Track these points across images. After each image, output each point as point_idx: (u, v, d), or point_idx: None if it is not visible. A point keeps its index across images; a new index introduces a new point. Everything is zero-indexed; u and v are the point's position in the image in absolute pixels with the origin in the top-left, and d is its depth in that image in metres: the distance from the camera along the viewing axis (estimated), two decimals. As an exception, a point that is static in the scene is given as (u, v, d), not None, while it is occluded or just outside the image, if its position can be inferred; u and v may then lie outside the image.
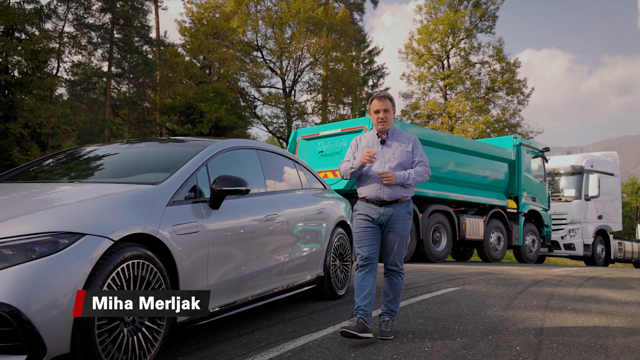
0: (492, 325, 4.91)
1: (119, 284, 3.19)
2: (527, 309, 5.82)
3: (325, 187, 6.67)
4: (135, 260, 3.31)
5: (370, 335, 4.13)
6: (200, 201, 4.10)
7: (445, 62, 35.76)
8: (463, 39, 34.82)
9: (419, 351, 3.99)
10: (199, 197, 4.12)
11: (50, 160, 5.11)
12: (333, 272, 6.11)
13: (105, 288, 3.08)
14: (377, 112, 4.45)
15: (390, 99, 4.50)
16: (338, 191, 9.15)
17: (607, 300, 6.79)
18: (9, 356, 2.79)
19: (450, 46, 34.83)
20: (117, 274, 3.18)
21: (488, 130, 32.98)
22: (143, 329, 3.36)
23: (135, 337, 3.30)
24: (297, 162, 6.25)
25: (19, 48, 28.70)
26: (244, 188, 4.17)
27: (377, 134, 4.53)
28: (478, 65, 35.20)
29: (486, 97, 34.85)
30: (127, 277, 3.25)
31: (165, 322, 3.52)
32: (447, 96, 35.49)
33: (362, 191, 4.49)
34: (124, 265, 3.22)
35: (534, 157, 16.56)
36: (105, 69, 34.67)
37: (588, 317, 5.52)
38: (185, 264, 3.73)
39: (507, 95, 34.80)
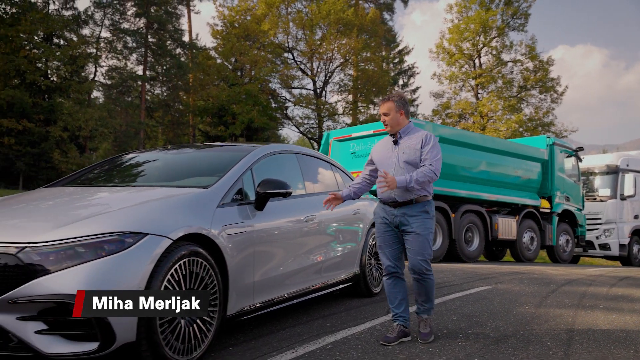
0: (523, 322, 5.11)
1: (177, 279, 3.49)
2: (559, 307, 5.99)
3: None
4: (191, 258, 3.60)
5: (409, 338, 4.33)
6: (246, 203, 4.39)
7: (476, 61, 35.70)
8: (495, 37, 34.72)
9: (453, 345, 4.22)
10: (244, 199, 4.41)
11: (105, 166, 5.45)
12: (368, 270, 6.35)
13: (165, 283, 3.38)
14: (380, 116, 4.47)
15: (394, 101, 4.41)
16: (371, 192, 9.38)
17: (638, 298, 6.90)
18: (84, 343, 3.11)
19: (481, 45, 34.76)
20: (175, 270, 3.48)
21: (521, 129, 32.83)
22: (198, 320, 3.66)
23: (190, 328, 3.60)
24: (333, 164, 6.51)
25: (58, 53, 29.52)
26: (286, 190, 4.45)
27: (390, 135, 4.50)
28: (510, 64, 35.08)
29: (519, 95, 34.68)
30: (184, 273, 3.55)
31: (217, 315, 3.82)
32: (479, 95, 35.42)
33: (378, 193, 4.46)
34: (181, 262, 3.52)
35: (567, 157, 16.51)
36: (140, 72, 35.42)
37: (620, 315, 5.66)
38: (234, 262, 4.02)
39: (540, 94, 34.59)
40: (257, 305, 4.38)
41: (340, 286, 5.90)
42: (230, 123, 32.05)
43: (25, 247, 3.16)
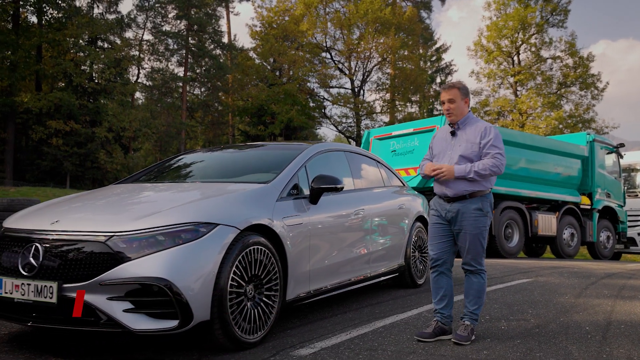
0: (563, 310, 5.35)
1: (244, 265, 3.86)
2: (598, 298, 6.20)
3: (403, 185, 7.22)
4: (255, 247, 3.97)
5: (449, 337, 4.16)
6: (301, 197, 4.75)
7: (515, 58, 35.56)
8: (534, 34, 34.54)
9: (496, 329, 4.50)
10: (300, 193, 4.76)
11: (168, 164, 5.88)
12: (413, 262, 6.65)
13: (234, 268, 3.76)
14: (443, 103, 4.27)
15: (459, 88, 4.23)
16: (413, 188, 9.66)
17: (678, 291, 7.06)
18: (165, 320, 3.50)
19: (520, 42, 34.60)
20: (242, 257, 3.85)
21: (561, 126, 32.61)
22: (261, 304, 4.03)
23: (255, 310, 3.96)
24: (378, 161, 6.83)
25: (102, 56, 30.45)
26: (338, 186, 4.79)
27: (450, 124, 4.34)
28: (549, 61, 34.85)
29: (558, 92, 34.42)
30: (249, 260, 3.91)
31: (278, 299, 4.18)
32: (518, 92, 35.26)
33: (434, 186, 4.37)
34: (247, 250, 3.89)
35: (608, 153, 16.48)
36: (180, 73, 36.21)
37: (657, 304, 5.86)
38: (292, 251, 4.38)
39: (581, 90, 34.30)
40: (312, 291, 4.74)
41: (387, 277, 6.21)
42: (269, 122, 32.62)
43: (113, 235, 3.56)
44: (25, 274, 3.62)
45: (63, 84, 32.65)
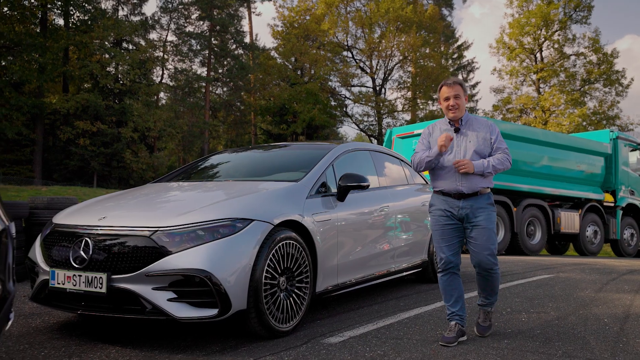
0: (583, 304, 5.53)
1: (277, 258, 4.11)
2: (618, 292, 6.36)
3: (426, 182, 7.42)
4: (287, 241, 4.22)
5: (465, 337, 4.09)
6: (329, 195, 4.99)
7: (538, 55, 35.44)
8: (556, 31, 34.40)
9: (517, 321, 4.71)
10: (328, 191, 5.00)
11: (201, 164, 6.17)
12: (435, 257, 6.85)
13: (268, 261, 4.01)
14: (447, 99, 4.15)
15: (460, 84, 4.18)
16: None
17: (698, 286, 7.17)
18: (206, 309, 3.76)
19: (543, 39, 34.50)
20: (276, 250, 4.10)
21: (584, 123, 32.44)
22: (293, 295, 4.28)
23: (288, 301, 4.22)
24: (401, 159, 7.05)
25: (128, 58, 30.97)
26: (364, 184, 5.02)
27: (449, 122, 4.24)
28: (573, 57, 34.69)
29: (582, 89, 34.25)
30: (282, 253, 4.17)
31: (308, 291, 4.43)
32: (541, 90, 35.12)
33: (439, 184, 4.21)
34: (280, 244, 4.14)
35: (632, 150, 16.47)
36: (203, 73, 36.65)
37: (676, 298, 6.00)
38: (321, 245, 4.62)
39: (605, 87, 34.10)
40: (340, 284, 4.98)
41: (410, 272, 6.43)
42: (291, 121, 32.89)
43: (157, 230, 3.83)
44: (76, 266, 3.91)
45: (89, 85, 33.27)
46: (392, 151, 6.98)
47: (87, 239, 3.96)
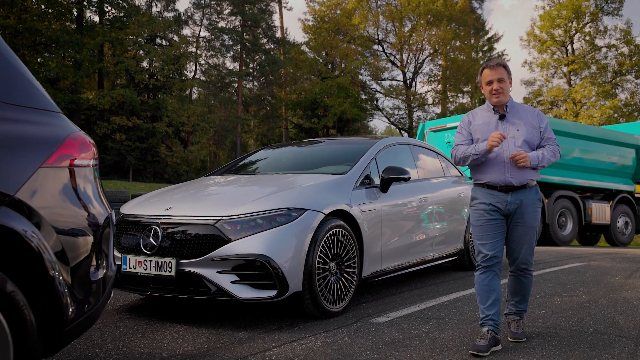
0: (613, 289, 5.81)
1: (328, 245, 4.49)
2: (648, 279, 6.61)
3: (461, 174, 7.72)
4: (337, 229, 4.60)
5: (499, 347, 3.71)
6: (373, 186, 5.35)
7: (569, 47, 35.25)
8: (588, 23, 34.16)
9: (550, 303, 5.02)
10: (371, 183, 5.36)
11: (249, 158, 6.58)
12: (471, 246, 7.17)
13: (320, 247, 4.39)
14: (489, 83, 3.81)
15: (505, 66, 3.84)
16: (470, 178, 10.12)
17: None
18: (266, 290, 4.15)
19: (574, 31, 34.29)
20: (327, 237, 4.48)
21: (616, 115, 32.23)
22: (342, 279, 4.65)
23: (338, 284, 4.59)
24: (438, 153, 7.36)
25: (162, 54, 31.62)
26: (406, 176, 5.37)
27: (493, 108, 3.90)
28: (604, 49, 34.42)
29: (613, 81, 34.00)
30: (332, 240, 4.54)
31: (356, 275, 4.80)
32: (572, 82, 34.93)
33: (484, 176, 3.88)
34: (330, 232, 4.52)
35: (664, 142, 16.48)
36: (235, 69, 37.19)
37: None
38: (367, 233, 4.99)
39: (637, 79, 33.82)
40: (383, 270, 5.34)
41: (447, 259, 6.76)
42: (322, 115, 33.23)
43: (220, 219, 4.24)
44: (146, 252, 4.33)
45: (124, 81, 34.03)
46: (428, 144, 7.31)
47: (155, 227, 4.38)
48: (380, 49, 35.21)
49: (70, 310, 2.46)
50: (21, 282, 2.25)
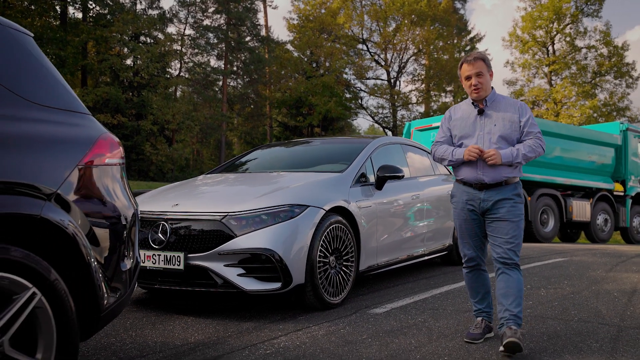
0: (595, 281, 6.11)
1: (328, 239, 4.73)
2: (626, 272, 6.93)
3: (449, 173, 7.99)
4: (336, 225, 4.83)
5: (492, 334, 3.85)
6: (368, 184, 5.59)
7: (550, 48, 35.81)
8: (568, 24, 34.75)
9: (537, 295, 5.30)
10: (367, 181, 5.60)
11: (248, 157, 6.79)
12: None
13: (321, 242, 4.62)
14: (468, 78, 3.72)
15: (483, 59, 3.73)
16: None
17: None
18: (271, 283, 4.37)
19: (555, 32, 34.85)
20: (327, 233, 4.71)
21: (595, 115, 32.85)
22: (341, 272, 4.89)
23: (337, 277, 4.83)
24: (428, 152, 7.62)
25: (148, 52, 31.60)
26: (400, 174, 5.62)
27: (472, 103, 3.80)
28: (584, 50, 35.03)
29: (593, 81, 34.63)
30: (332, 235, 4.78)
31: (353, 269, 5.04)
32: (553, 82, 35.52)
33: (460, 173, 3.83)
34: (330, 227, 4.76)
35: (641, 141, 16.94)
36: (220, 67, 37.25)
37: (681, 278, 6.58)
38: (364, 229, 5.23)
39: (615, 79, 34.47)
40: (379, 264, 5.59)
41: (437, 254, 7.03)
42: (307, 114, 33.43)
43: (227, 215, 4.45)
44: (155, 247, 4.53)
45: (108, 79, 33.94)
46: (419, 144, 7.56)
47: (163, 223, 4.58)
48: (365, 48, 35.50)
49: (105, 297, 2.67)
50: (63, 272, 2.46)
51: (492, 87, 3.81)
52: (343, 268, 4.94)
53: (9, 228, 2.31)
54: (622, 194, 16.19)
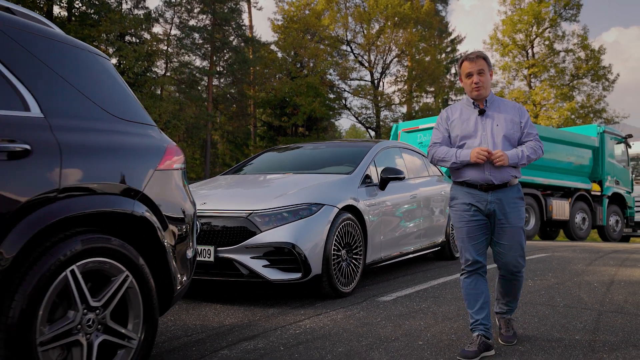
0: (576, 274, 6.73)
1: (341, 235, 5.27)
2: (605, 266, 7.57)
3: (441, 174, 8.57)
4: (347, 221, 5.37)
5: (492, 352, 3.54)
6: (373, 185, 6.14)
7: (529, 51, 36.65)
8: (547, 28, 35.61)
9: (525, 285, 5.87)
10: (371, 182, 6.15)
11: (259, 159, 7.31)
12: (451, 239, 8.02)
13: (335, 237, 5.16)
14: (469, 75, 3.64)
15: (485, 58, 3.66)
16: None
17: (673, 263, 8.42)
18: (292, 273, 4.90)
19: (534, 36, 35.70)
20: (340, 229, 5.25)
21: (573, 116, 33.76)
22: (351, 264, 5.44)
23: (348, 268, 5.37)
24: (423, 155, 8.19)
25: (134, 51, 31.82)
26: (402, 176, 6.19)
27: (473, 103, 3.71)
28: (562, 54, 35.92)
29: (571, 84, 35.56)
30: (344, 231, 5.32)
31: (362, 261, 5.58)
32: (532, 84, 36.41)
33: (462, 174, 3.69)
34: (343, 224, 5.30)
35: (617, 143, 17.70)
36: (206, 67, 37.51)
37: (653, 271, 7.24)
38: (370, 225, 5.78)
39: (592, 82, 35.41)
40: (382, 257, 6.14)
41: (432, 250, 7.60)
42: (291, 114, 33.83)
43: (252, 212, 4.97)
44: (186, 241, 5.03)
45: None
46: (415, 147, 8.14)
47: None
48: (349, 49, 36.06)
49: (177, 280, 3.19)
50: (146, 259, 2.97)
51: (491, 90, 3.76)
52: (353, 261, 5.48)
53: (109, 222, 2.81)
54: (599, 193, 16.92)
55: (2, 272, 2.26)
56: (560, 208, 15.76)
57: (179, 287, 3.22)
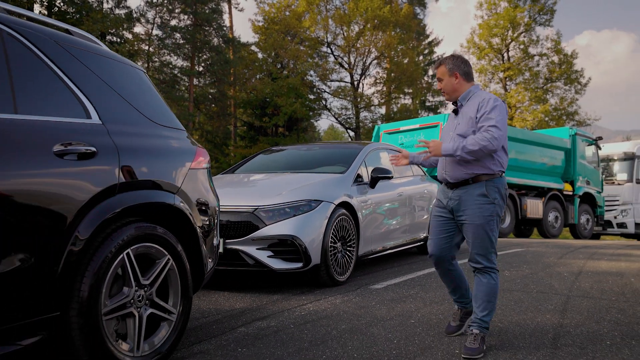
0: (548, 265, 7.34)
1: (337, 229, 5.79)
2: (574, 259, 8.21)
3: (424, 174, 9.14)
4: (342, 217, 5.90)
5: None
6: (364, 183, 6.67)
7: (505, 54, 37.53)
8: (522, 32, 36.52)
9: (502, 276, 6.47)
10: (362, 180, 6.68)
11: (256, 159, 7.80)
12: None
13: (332, 231, 5.68)
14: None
15: (444, 64, 3.74)
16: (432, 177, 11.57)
17: (636, 255, 9.08)
18: (294, 263, 5.41)
19: (510, 40, 36.58)
20: (336, 223, 5.78)
21: (546, 118, 34.70)
22: (346, 256, 5.96)
23: (343, 259, 5.90)
24: (406, 156, 8.74)
25: (116, 51, 31.98)
26: (390, 175, 6.73)
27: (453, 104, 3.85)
28: (537, 58, 36.83)
29: (544, 87, 36.50)
30: (340, 226, 5.85)
31: (355, 253, 6.11)
32: (507, 87, 37.32)
33: (437, 171, 3.90)
34: (338, 218, 5.82)
35: (588, 145, 18.48)
36: (187, 67, 37.77)
37: (617, 262, 7.88)
38: (362, 220, 6.32)
39: (565, 85, 36.37)
40: (372, 250, 6.68)
41: (415, 244, 8.16)
42: (272, 114, 34.20)
43: (257, 208, 5.47)
44: (196, 233, 5.51)
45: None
46: (399, 148, 8.67)
47: (202, 214, 5.56)
48: (329, 51, 36.54)
49: (208, 264, 3.69)
50: (183, 244, 3.46)
51: (474, 85, 3.77)
52: (347, 252, 6.01)
53: (155, 212, 3.30)
54: (571, 193, 17.66)
55: (77, 253, 2.74)
56: (534, 207, 16.43)
57: (208, 270, 3.73)
